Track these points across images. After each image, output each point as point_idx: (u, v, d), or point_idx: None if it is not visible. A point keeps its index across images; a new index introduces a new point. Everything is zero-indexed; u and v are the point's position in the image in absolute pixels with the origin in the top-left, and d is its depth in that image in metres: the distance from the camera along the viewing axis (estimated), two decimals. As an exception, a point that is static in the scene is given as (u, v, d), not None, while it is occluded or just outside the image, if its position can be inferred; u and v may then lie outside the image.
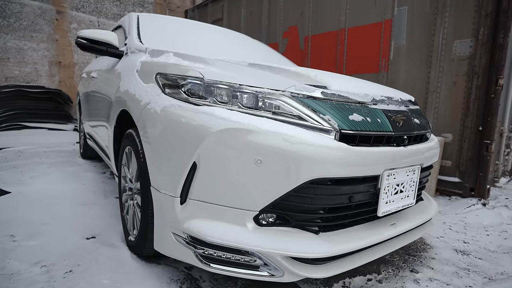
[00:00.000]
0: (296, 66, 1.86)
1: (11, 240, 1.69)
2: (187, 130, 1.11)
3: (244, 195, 1.08)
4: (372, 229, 1.25)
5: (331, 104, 1.15)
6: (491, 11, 2.53)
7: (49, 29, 5.39)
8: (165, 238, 1.22)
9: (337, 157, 1.06)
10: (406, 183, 1.32)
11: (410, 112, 1.40)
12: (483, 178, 2.67)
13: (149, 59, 1.59)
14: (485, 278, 1.46)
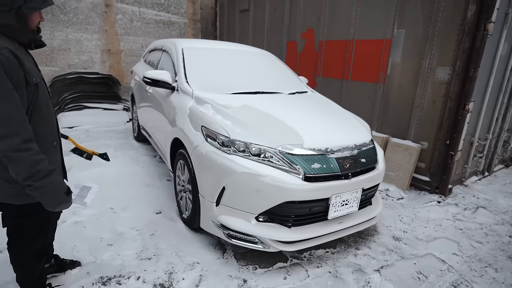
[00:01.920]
0: (299, 96, 2.65)
1: (112, 212, 2.76)
2: (221, 168, 2.01)
3: (250, 205, 2.00)
4: (324, 226, 2.15)
5: (302, 158, 1.99)
6: (467, 48, 3.06)
7: (100, 21, 6.24)
8: (207, 222, 2.20)
9: (301, 189, 1.93)
10: (351, 199, 2.17)
11: (359, 155, 2.19)
12: (446, 180, 3.40)
13: (195, 107, 2.45)
14: (400, 256, 2.34)
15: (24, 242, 1.55)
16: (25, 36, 1.35)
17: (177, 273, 2.04)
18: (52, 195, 1.33)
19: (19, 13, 1.26)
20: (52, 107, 1.54)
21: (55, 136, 1.55)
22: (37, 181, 1.25)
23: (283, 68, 3.62)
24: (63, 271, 1.98)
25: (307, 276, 2.09)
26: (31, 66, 1.38)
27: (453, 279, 2.12)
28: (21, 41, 1.36)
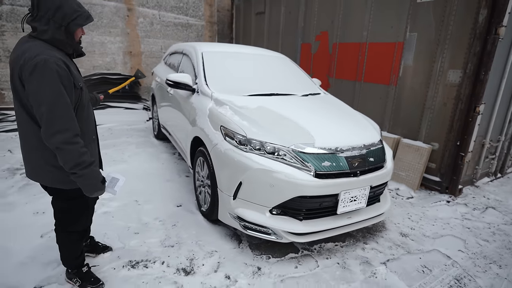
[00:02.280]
0: (310, 102, 2.80)
1: (137, 204, 3.00)
2: (238, 165, 2.20)
3: (264, 199, 2.17)
4: (334, 220, 2.30)
5: (313, 156, 2.15)
6: (478, 51, 3.12)
7: (122, 24, 6.55)
8: (225, 214, 2.39)
9: (312, 185, 2.09)
10: (359, 196, 2.31)
11: (367, 154, 2.33)
12: (456, 180, 3.47)
13: (214, 108, 2.64)
14: (406, 251, 2.46)
15: (70, 223, 1.79)
16: (70, 48, 1.58)
17: (197, 259, 2.24)
18: (91, 182, 1.56)
19: (67, 29, 1.50)
20: (91, 106, 1.79)
21: (94, 131, 1.79)
22: (80, 170, 1.48)
23: (297, 71, 3.77)
24: (95, 253, 2.21)
25: (317, 266, 2.25)
26: (76, 73, 1.61)
27: (457, 273, 2.23)
28: (67, 52, 1.59)
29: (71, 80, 1.48)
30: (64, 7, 1.44)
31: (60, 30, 1.48)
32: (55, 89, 1.40)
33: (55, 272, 2.05)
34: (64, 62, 1.47)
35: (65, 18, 1.46)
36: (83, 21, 1.53)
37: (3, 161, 3.95)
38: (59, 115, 1.41)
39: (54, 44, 1.50)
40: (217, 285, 2.01)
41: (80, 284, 1.91)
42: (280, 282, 2.07)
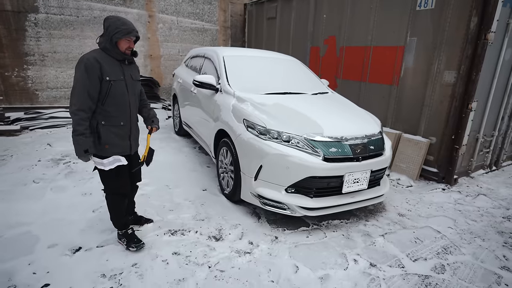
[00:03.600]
0: (320, 98, 3.22)
1: (168, 188, 3.46)
2: (259, 151, 2.63)
3: (281, 179, 2.60)
4: (339, 198, 2.71)
5: (322, 143, 2.57)
6: (470, 54, 3.50)
7: (143, 29, 7.08)
8: (247, 194, 2.83)
9: (321, 167, 2.51)
10: (361, 178, 2.72)
11: (368, 143, 2.74)
12: (451, 171, 3.84)
13: (237, 104, 3.09)
14: (402, 227, 2.86)
15: (109, 186, 2.26)
16: (116, 55, 2.09)
17: (224, 230, 2.68)
18: (77, 148, 1.99)
19: (111, 40, 2.03)
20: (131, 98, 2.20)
21: (124, 119, 2.18)
22: (74, 135, 1.97)
23: (307, 72, 4.20)
24: (139, 224, 2.67)
25: (325, 237, 2.66)
26: (112, 70, 2.06)
27: (445, 244, 2.62)
28: (117, 58, 2.10)
29: (96, 73, 1.97)
30: (111, 26, 2.01)
31: (108, 42, 2.04)
32: (79, 75, 1.96)
33: (110, 237, 2.52)
34: (97, 60, 1.98)
35: (110, 33, 2.02)
36: (120, 35, 2.02)
37: (46, 153, 4.47)
38: (75, 92, 1.97)
39: (105, 51, 2.07)
40: (243, 248, 2.44)
41: (127, 243, 2.37)
42: (294, 247, 2.49)
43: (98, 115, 2.09)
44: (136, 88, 2.32)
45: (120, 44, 2.07)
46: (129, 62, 2.19)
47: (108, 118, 2.11)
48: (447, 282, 2.16)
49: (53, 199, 3.14)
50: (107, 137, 2.13)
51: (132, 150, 2.32)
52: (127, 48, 2.12)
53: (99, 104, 2.07)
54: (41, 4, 5.99)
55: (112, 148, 2.17)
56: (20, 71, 6.14)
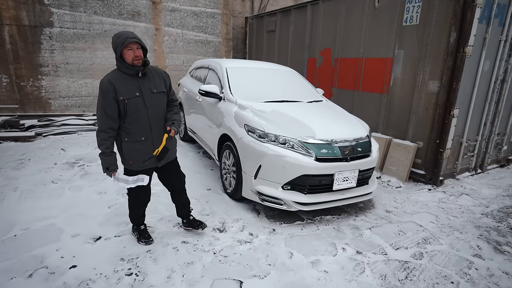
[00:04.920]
0: (313, 106, 3.56)
1: (175, 187, 3.78)
2: (258, 152, 2.96)
3: (277, 177, 2.92)
4: (330, 195, 3.02)
5: (314, 145, 2.90)
6: (450, 66, 3.85)
7: (150, 42, 7.50)
8: (247, 191, 3.14)
9: (313, 166, 2.83)
10: (350, 177, 3.04)
11: (356, 145, 3.06)
12: (437, 173, 4.14)
13: (238, 111, 3.43)
14: (388, 222, 3.16)
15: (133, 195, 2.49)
16: (127, 70, 2.14)
17: (227, 223, 2.99)
18: (102, 165, 2.20)
19: (117, 54, 2.10)
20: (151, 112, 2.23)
21: (145, 134, 2.24)
22: (99, 154, 2.20)
23: (304, 82, 4.55)
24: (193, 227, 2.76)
25: (317, 229, 2.97)
26: (125, 89, 2.13)
27: (425, 236, 2.92)
28: (129, 73, 2.15)
29: (111, 94, 2.10)
30: (113, 43, 2.14)
31: (116, 59, 2.14)
32: (99, 98, 2.16)
33: (125, 228, 2.83)
34: (110, 82, 2.11)
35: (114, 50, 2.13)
36: (120, 47, 2.06)
37: (61, 157, 4.81)
38: (97, 115, 2.19)
39: (119, 70, 2.17)
40: (243, 238, 2.75)
41: (138, 237, 2.63)
42: (290, 237, 2.79)
43: (122, 133, 2.22)
44: (159, 100, 2.29)
45: (125, 56, 2.09)
46: (143, 75, 2.19)
47: (130, 135, 2.21)
48: (424, 266, 2.46)
49: (71, 197, 3.46)
50: (129, 153, 2.25)
51: (159, 163, 2.38)
52: (134, 59, 2.10)
53: (121, 122, 2.18)
54: (56, 19, 6.42)
55: (136, 163, 2.29)
56: (34, 81, 6.54)
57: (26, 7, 6.14)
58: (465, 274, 2.39)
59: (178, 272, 2.27)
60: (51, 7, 6.33)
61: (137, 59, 2.12)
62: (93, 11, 6.73)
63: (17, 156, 4.83)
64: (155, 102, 2.27)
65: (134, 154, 2.26)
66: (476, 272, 2.43)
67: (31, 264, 2.30)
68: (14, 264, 2.29)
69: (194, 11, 7.86)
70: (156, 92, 2.27)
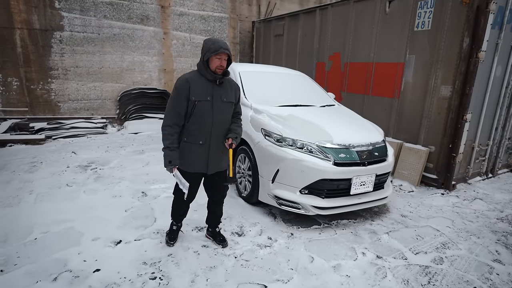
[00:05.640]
0: (327, 110, 3.58)
1: (190, 191, 3.78)
2: (276, 156, 2.97)
3: (295, 182, 2.93)
4: (348, 199, 3.03)
5: (332, 149, 2.92)
6: (463, 71, 3.87)
7: (159, 46, 7.55)
8: (264, 195, 3.15)
9: (332, 171, 2.85)
10: (367, 181, 3.05)
11: (373, 150, 3.08)
12: (450, 177, 4.15)
13: (254, 115, 3.45)
14: (404, 226, 3.16)
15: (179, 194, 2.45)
16: (208, 75, 2.22)
17: (245, 227, 3.00)
18: (164, 159, 2.23)
19: (204, 59, 2.20)
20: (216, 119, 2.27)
21: (203, 139, 2.28)
22: (162, 149, 2.24)
23: (315, 86, 4.58)
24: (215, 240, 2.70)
25: (335, 233, 2.97)
26: (199, 91, 2.20)
27: (443, 240, 2.92)
28: (208, 78, 2.23)
29: (185, 93, 2.18)
30: (204, 46, 2.22)
31: (201, 62, 2.24)
32: (172, 94, 2.25)
33: (145, 232, 2.83)
34: (188, 80, 2.19)
35: (202, 53, 2.23)
36: (210, 54, 2.15)
37: (73, 160, 4.83)
38: (166, 109, 2.27)
39: (199, 72, 2.25)
40: (263, 242, 2.75)
41: (168, 234, 2.69)
42: (308, 242, 2.80)
43: (184, 131, 2.28)
44: (227, 109, 2.34)
45: (211, 63, 2.18)
46: (220, 83, 2.27)
47: (190, 136, 2.26)
48: (445, 271, 2.46)
49: (87, 200, 3.47)
50: (185, 153, 2.28)
51: (209, 170, 2.37)
52: (218, 67, 2.19)
53: (185, 122, 2.25)
54: (67, 23, 6.47)
55: (187, 165, 2.31)
56: (44, 84, 6.57)
57: (38, 11, 6.19)
58: (487, 279, 2.39)
59: (202, 276, 2.28)
60: (62, 11, 6.39)
61: (220, 68, 2.22)
62: (103, 15, 6.78)
63: (29, 159, 4.85)
64: (223, 110, 2.32)
65: (188, 156, 2.30)
66: (498, 277, 2.43)
67: (54, 267, 2.31)
68: (37, 268, 2.30)
69: (202, 15, 7.91)
70: (226, 101, 2.32)
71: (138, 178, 4.16)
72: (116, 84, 7.26)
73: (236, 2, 8.36)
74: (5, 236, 2.71)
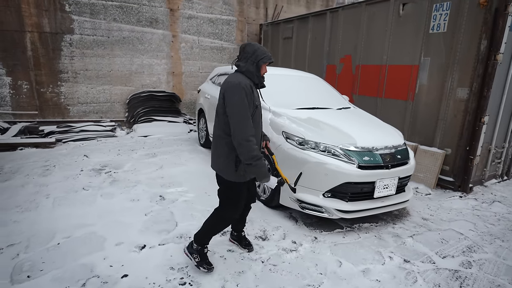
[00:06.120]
0: (347, 113, 3.57)
1: (207, 195, 3.74)
2: (299, 159, 2.95)
3: (319, 185, 2.91)
4: (371, 202, 3.01)
5: (356, 152, 2.90)
6: (481, 73, 3.86)
7: (167, 49, 7.55)
8: (286, 199, 3.13)
9: (356, 174, 2.82)
10: (390, 184, 3.02)
11: (395, 152, 3.06)
12: (467, 180, 4.13)
13: (274, 118, 3.43)
14: (427, 229, 3.14)
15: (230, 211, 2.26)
16: (256, 79, 2.16)
17: (268, 231, 2.97)
18: (261, 171, 2.02)
19: (258, 64, 2.12)
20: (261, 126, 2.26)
21: (258, 143, 2.18)
22: (254, 161, 1.98)
23: (330, 89, 4.56)
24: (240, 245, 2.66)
25: (359, 237, 2.94)
26: (256, 96, 2.17)
27: (468, 244, 2.89)
28: (254, 81, 2.16)
29: (252, 98, 2.07)
30: (258, 51, 2.11)
31: (253, 66, 2.11)
32: (240, 102, 1.99)
33: (168, 237, 2.81)
34: (251, 86, 2.09)
35: (258, 58, 2.10)
36: (266, 60, 2.13)
37: (86, 164, 4.80)
38: (240, 120, 1.98)
39: (246, 75, 2.13)
40: (288, 246, 2.73)
41: (199, 261, 2.31)
42: (334, 246, 2.77)
43: None
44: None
45: (262, 68, 2.16)
46: (260, 87, 2.25)
47: None
48: (475, 275, 2.43)
49: (104, 204, 3.45)
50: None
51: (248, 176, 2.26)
52: (263, 73, 2.21)
53: None
54: (77, 26, 6.47)
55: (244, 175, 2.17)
56: (54, 88, 6.56)
57: (48, 14, 6.19)
58: (518, 283, 2.37)
59: (231, 281, 2.25)
60: (72, 14, 6.39)
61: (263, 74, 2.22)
62: (113, 18, 6.78)
63: (41, 162, 4.83)
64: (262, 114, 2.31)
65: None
66: (529, 281, 2.40)
67: (81, 273, 2.28)
68: (64, 273, 2.27)
69: (210, 18, 7.92)
70: (259, 105, 2.26)
71: (153, 181, 4.13)
72: (125, 87, 7.25)
73: (244, 5, 8.37)
74: (27, 241, 2.68)
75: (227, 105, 2.04)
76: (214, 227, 2.36)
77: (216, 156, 2.25)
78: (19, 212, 3.21)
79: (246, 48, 2.14)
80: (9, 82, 6.19)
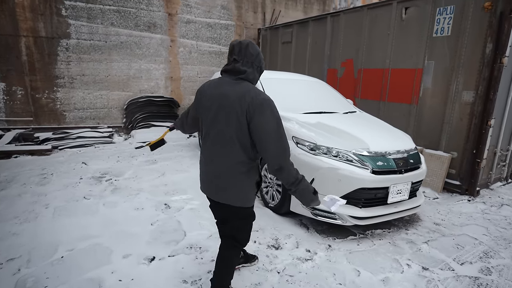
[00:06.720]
0: (356, 118, 3.51)
1: (213, 202, 3.65)
2: (310, 165, 2.88)
3: (332, 191, 2.83)
4: (385, 208, 2.94)
5: (369, 157, 2.84)
6: (487, 76, 3.86)
7: (165, 53, 7.45)
8: (297, 205, 3.04)
9: (370, 179, 2.76)
10: (403, 189, 2.97)
11: (408, 157, 3.01)
12: (474, 183, 4.11)
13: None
14: (441, 235, 3.08)
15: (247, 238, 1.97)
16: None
17: (280, 239, 2.88)
18: (307, 195, 1.74)
19: (261, 71, 1.79)
20: None
21: None
22: (298, 185, 1.69)
23: (334, 93, 4.52)
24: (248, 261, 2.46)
25: (374, 244, 2.87)
26: None
27: (484, 249, 2.84)
28: None
29: None
30: (260, 54, 1.76)
31: (258, 73, 1.78)
32: (278, 121, 1.65)
33: (177, 247, 2.69)
34: None
35: (261, 62, 1.77)
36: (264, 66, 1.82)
37: (84, 171, 4.65)
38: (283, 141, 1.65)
39: (253, 83, 1.74)
40: (302, 255, 2.64)
41: None
42: (349, 254, 2.69)
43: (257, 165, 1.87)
44: None
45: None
46: None
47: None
48: (496, 282, 2.37)
49: (108, 213, 3.32)
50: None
51: None
52: None
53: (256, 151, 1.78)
54: (73, 31, 6.34)
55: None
56: (50, 93, 6.40)
57: (44, 18, 6.06)
58: (540, 289, 2.32)
59: (249, 294, 2.15)
60: (69, 18, 6.26)
61: None
62: (110, 23, 6.67)
63: (38, 170, 4.66)
64: None
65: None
66: (550, 287, 2.35)
67: (89, 288, 2.16)
68: (70, 289, 2.14)
69: (209, 22, 7.86)
70: None
71: (157, 189, 4.01)
72: (123, 92, 7.12)
73: (242, 10, 8.34)
74: (28, 254, 2.54)
75: (260, 125, 1.62)
76: (234, 266, 2.02)
77: (231, 186, 1.78)
78: (18, 223, 3.06)
79: (249, 49, 1.71)
80: (3, 88, 6.01)
